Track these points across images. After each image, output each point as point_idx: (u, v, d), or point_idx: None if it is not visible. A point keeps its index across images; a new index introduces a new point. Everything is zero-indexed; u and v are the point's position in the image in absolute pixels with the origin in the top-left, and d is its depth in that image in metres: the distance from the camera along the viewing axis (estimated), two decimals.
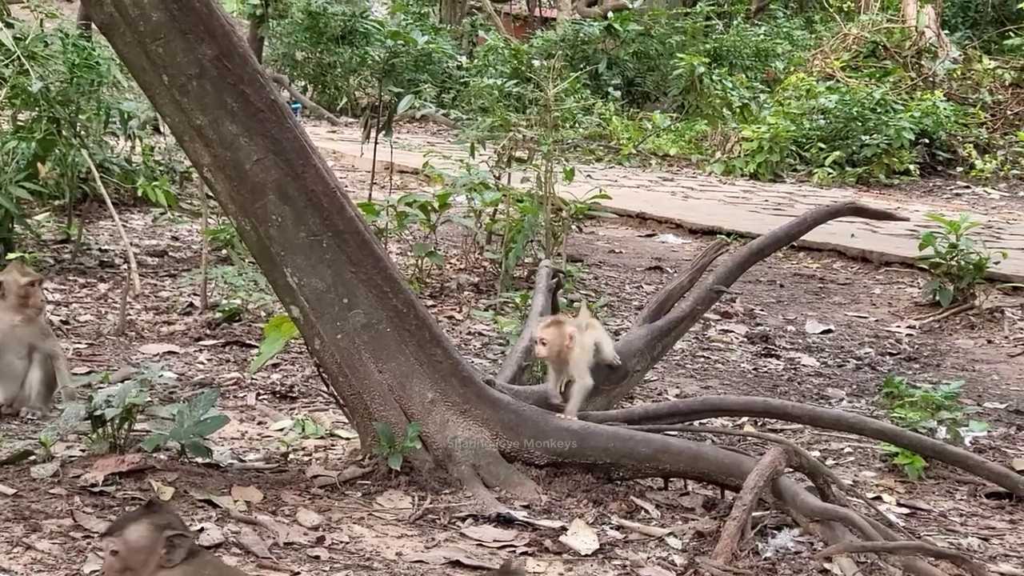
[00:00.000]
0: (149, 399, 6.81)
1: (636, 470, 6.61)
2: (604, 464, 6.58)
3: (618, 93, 26.96)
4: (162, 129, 14.82)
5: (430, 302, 10.98)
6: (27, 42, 11.92)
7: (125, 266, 11.21)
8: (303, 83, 30.35)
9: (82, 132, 12.31)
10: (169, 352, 9.01)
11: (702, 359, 10.20)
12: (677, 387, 9.20)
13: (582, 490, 6.53)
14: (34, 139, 11.51)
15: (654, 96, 29.09)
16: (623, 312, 11.57)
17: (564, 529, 6.08)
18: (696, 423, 7.71)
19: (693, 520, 6.37)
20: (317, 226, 6.39)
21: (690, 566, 5.79)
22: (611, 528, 6.20)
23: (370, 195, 13.30)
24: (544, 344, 6.71)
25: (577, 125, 14.97)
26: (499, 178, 12.47)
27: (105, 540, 4.07)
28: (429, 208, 11.76)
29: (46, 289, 9.76)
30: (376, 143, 12.64)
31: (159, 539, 3.97)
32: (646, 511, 6.43)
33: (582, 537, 6.01)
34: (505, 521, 6.12)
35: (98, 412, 6.43)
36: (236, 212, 6.40)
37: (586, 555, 5.87)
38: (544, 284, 8.07)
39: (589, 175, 15.57)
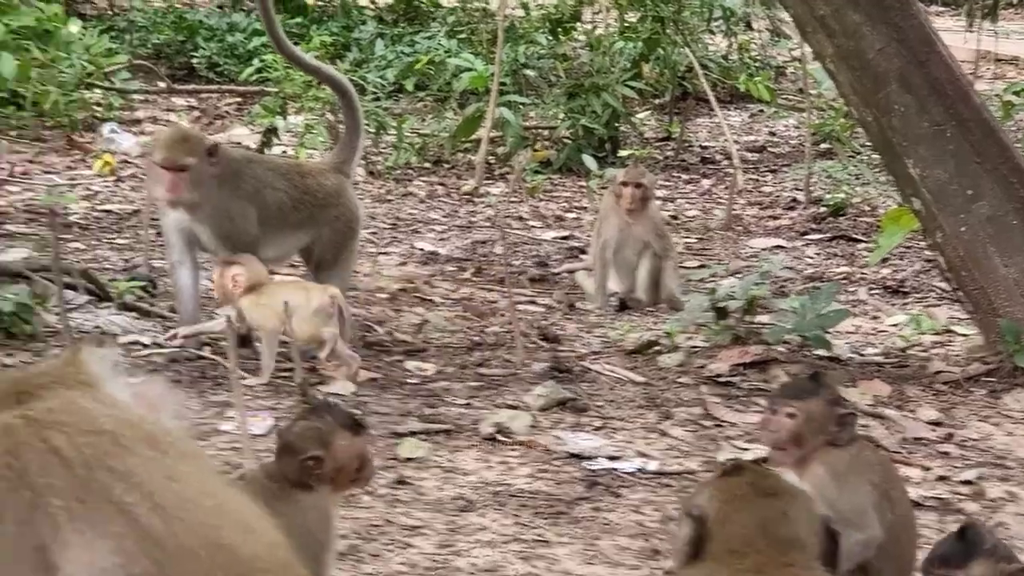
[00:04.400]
0: (767, 292, 6.89)
1: None
2: None
3: None
4: (754, 25, 14.84)
5: None
6: None
7: (726, 162, 11.34)
8: None
9: (684, 30, 12.49)
10: (776, 247, 9.05)
11: None
12: None
13: None
14: (640, 39, 11.80)
15: None
16: None
17: None
18: None
19: None
20: (940, 115, 6.25)
21: None
22: None
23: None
24: None
25: None
26: None
27: (780, 403, 3.93)
28: None
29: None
30: (978, 31, 12.15)
31: (833, 414, 3.88)
32: None
33: None
34: None
35: (721, 304, 6.56)
36: (857, 103, 6.36)
37: None
38: None
39: None
